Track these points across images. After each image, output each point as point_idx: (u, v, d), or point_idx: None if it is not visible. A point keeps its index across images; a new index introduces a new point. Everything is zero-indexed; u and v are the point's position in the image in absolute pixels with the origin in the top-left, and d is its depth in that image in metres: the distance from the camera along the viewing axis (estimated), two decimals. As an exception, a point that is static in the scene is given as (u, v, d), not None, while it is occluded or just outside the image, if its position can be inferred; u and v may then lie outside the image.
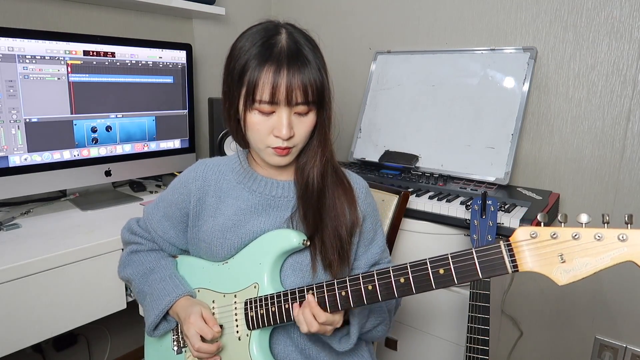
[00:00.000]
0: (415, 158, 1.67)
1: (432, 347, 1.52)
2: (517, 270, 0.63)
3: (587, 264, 0.59)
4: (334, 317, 0.79)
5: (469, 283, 1.17)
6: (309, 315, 0.77)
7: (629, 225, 0.59)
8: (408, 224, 1.44)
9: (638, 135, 1.44)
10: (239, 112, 0.83)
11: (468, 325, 1.15)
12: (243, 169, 0.92)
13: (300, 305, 0.80)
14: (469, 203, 1.33)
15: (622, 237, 0.57)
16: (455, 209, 1.36)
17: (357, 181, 0.95)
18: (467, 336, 1.15)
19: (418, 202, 1.41)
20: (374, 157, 1.76)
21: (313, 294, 0.79)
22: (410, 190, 1.44)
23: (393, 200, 1.25)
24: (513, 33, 1.63)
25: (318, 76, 0.79)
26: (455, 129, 1.62)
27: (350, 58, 2.05)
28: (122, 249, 1.08)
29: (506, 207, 1.34)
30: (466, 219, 1.32)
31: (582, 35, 1.50)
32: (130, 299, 1.24)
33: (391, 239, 1.22)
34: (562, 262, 0.60)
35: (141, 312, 1.22)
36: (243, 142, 0.90)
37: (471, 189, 1.48)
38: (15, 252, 1.06)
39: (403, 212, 1.25)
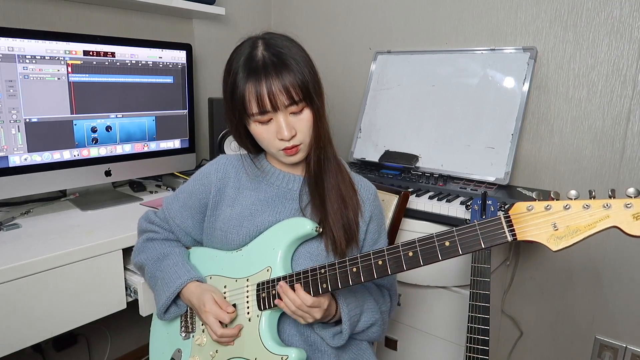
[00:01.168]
0: (415, 158, 1.67)
1: (432, 347, 1.52)
2: (516, 239, 0.69)
3: (577, 231, 0.66)
4: (320, 300, 0.84)
5: (469, 283, 1.17)
6: (292, 295, 0.83)
7: (612, 198, 0.66)
8: (408, 224, 1.44)
9: (638, 135, 1.44)
10: (246, 126, 0.90)
11: (468, 325, 1.15)
12: (262, 164, 0.98)
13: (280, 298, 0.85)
14: (469, 203, 1.33)
15: (607, 205, 0.65)
16: (455, 209, 1.36)
17: (366, 185, 1.00)
18: (467, 336, 1.15)
19: (418, 202, 1.41)
20: (374, 157, 1.76)
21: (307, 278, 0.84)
22: (410, 190, 1.44)
23: (393, 200, 1.25)
24: (513, 33, 1.62)
25: (298, 74, 0.83)
26: (455, 129, 1.62)
27: (350, 58, 2.04)
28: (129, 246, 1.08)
29: (506, 207, 1.34)
30: (466, 219, 1.32)
31: (582, 35, 1.50)
32: (130, 299, 1.24)
33: (391, 239, 1.22)
34: (555, 230, 0.67)
35: (141, 312, 1.22)
36: (256, 147, 0.96)
37: (471, 189, 1.48)
38: (15, 252, 1.06)
39: (403, 212, 1.26)
